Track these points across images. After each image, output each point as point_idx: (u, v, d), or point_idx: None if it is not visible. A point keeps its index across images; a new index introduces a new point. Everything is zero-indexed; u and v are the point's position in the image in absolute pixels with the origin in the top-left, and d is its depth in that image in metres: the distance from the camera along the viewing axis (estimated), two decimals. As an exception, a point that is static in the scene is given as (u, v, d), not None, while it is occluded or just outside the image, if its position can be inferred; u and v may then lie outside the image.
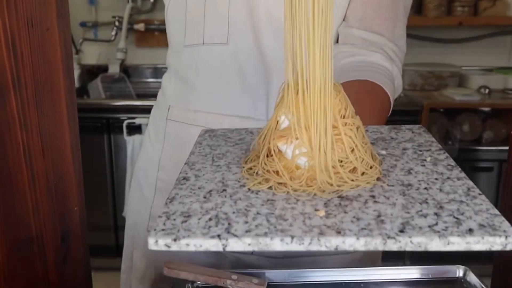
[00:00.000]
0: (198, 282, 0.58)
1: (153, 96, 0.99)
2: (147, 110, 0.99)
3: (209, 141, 0.61)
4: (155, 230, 0.40)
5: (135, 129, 2.11)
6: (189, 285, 0.58)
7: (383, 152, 0.55)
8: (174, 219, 0.42)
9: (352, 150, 0.47)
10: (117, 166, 2.20)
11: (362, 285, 0.58)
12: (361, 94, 0.71)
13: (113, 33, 2.49)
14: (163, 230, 0.40)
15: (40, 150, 0.48)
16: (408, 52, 0.88)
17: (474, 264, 0.61)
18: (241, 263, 0.86)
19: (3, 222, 0.44)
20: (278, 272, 0.59)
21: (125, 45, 2.47)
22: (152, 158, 0.94)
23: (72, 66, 0.55)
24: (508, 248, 0.38)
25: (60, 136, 0.53)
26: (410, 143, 0.58)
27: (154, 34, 2.52)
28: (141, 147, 1.01)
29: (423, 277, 0.58)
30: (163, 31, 2.31)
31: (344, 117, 0.48)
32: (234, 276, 0.57)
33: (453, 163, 0.52)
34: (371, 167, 0.49)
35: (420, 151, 0.56)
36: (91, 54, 2.55)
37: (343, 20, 0.83)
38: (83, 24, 2.50)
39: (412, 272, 0.59)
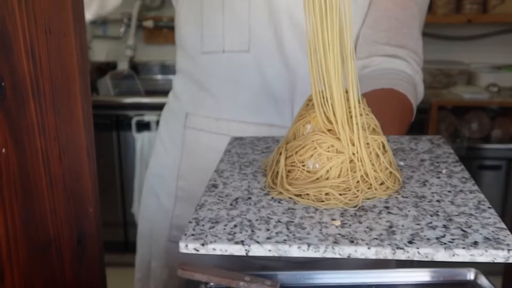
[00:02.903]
0: (211, 284, 0.59)
1: (162, 93, 0.97)
2: (156, 107, 0.99)
3: (237, 149, 0.64)
4: (185, 234, 0.44)
5: (144, 126, 2.12)
6: (203, 286, 0.59)
7: (401, 163, 0.57)
8: (203, 225, 0.45)
9: (379, 164, 0.49)
10: (126, 163, 2.22)
11: (374, 287, 0.58)
12: (383, 103, 0.72)
13: (122, 30, 2.50)
14: (192, 235, 0.44)
15: (58, 154, 0.49)
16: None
17: (483, 263, 0.61)
18: (266, 269, 0.85)
19: (23, 225, 0.45)
20: (291, 274, 0.60)
21: (134, 42, 2.48)
22: (168, 165, 0.91)
23: (88, 70, 0.55)
24: (510, 260, 0.40)
25: (76, 139, 0.53)
26: (428, 154, 0.60)
27: (162, 31, 2.53)
28: (153, 152, 0.99)
29: (435, 279, 0.59)
30: (171, 28, 2.32)
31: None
32: (247, 278, 0.58)
33: (467, 175, 0.54)
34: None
35: (437, 162, 0.57)
36: (100, 51, 2.56)
37: (363, 25, 0.81)
38: (92, 21, 2.51)
39: (424, 275, 0.60)
